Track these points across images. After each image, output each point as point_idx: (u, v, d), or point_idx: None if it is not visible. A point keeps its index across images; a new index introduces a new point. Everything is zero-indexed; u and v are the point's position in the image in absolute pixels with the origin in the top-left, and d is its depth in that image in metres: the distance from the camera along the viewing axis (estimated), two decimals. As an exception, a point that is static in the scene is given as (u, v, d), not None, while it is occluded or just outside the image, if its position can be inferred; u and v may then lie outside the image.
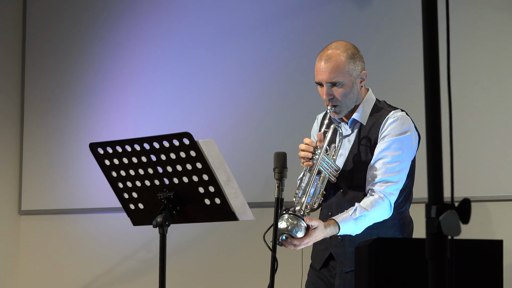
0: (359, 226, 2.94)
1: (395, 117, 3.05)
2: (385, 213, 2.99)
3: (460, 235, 1.49)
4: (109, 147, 2.88)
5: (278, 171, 2.75)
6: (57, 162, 5.33)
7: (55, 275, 5.32)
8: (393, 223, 3.05)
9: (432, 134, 1.51)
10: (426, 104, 1.52)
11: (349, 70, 3.05)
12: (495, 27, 4.03)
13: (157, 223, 2.79)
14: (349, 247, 3.03)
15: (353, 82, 3.07)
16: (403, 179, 3.03)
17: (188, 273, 4.89)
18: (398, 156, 3.00)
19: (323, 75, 3.05)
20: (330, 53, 3.07)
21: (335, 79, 3.04)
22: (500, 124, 3.98)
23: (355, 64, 3.07)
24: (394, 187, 2.99)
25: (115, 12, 5.26)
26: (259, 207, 4.37)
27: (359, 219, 2.92)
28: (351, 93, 3.07)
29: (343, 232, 2.93)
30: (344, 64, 3.04)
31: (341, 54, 3.05)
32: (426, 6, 1.52)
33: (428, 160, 1.51)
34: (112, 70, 5.23)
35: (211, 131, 4.76)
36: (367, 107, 3.12)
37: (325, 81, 3.05)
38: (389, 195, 2.97)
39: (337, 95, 3.05)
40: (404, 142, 3.02)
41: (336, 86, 3.05)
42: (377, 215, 2.97)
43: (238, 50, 4.78)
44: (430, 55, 1.51)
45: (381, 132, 3.05)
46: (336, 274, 3.07)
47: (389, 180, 2.98)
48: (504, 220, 3.99)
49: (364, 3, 4.38)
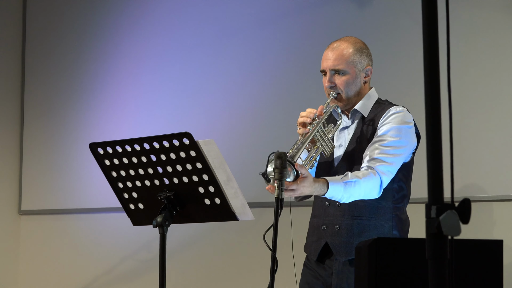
0: (348, 192, 2.89)
1: (397, 110, 3.07)
2: (374, 188, 2.95)
3: (460, 235, 1.49)
4: (109, 147, 2.88)
5: (278, 171, 2.75)
6: (57, 162, 5.33)
7: (55, 275, 5.32)
8: (391, 216, 3.04)
9: (432, 134, 1.51)
10: (426, 104, 1.52)
11: (353, 61, 3.09)
12: (495, 27, 4.03)
13: (157, 223, 2.79)
14: (345, 237, 3.03)
15: (357, 74, 3.10)
16: (397, 163, 3.00)
17: (188, 273, 4.89)
18: (395, 142, 2.99)
19: (328, 62, 3.10)
20: (338, 43, 3.13)
21: (339, 66, 3.08)
22: (500, 124, 3.98)
23: (361, 58, 3.11)
24: (387, 167, 2.96)
25: (115, 12, 5.26)
26: (259, 207, 4.37)
27: (349, 184, 2.89)
28: (353, 84, 3.09)
29: (331, 193, 2.89)
30: (350, 55, 3.09)
31: (348, 45, 3.11)
32: (426, 6, 1.52)
33: (428, 160, 1.51)
34: (112, 70, 5.23)
35: (211, 131, 4.76)
36: (368, 102, 3.14)
37: (328, 68, 3.09)
38: (381, 173, 2.95)
39: (338, 83, 3.09)
40: (402, 131, 3.02)
41: (339, 74, 3.08)
42: (367, 187, 2.92)
43: (238, 50, 4.78)
44: (430, 55, 1.51)
45: (382, 121, 3.06)
46: (332, 273, 3.06)
47: (383, 159, 2.96)
48: (504, 220, 3.99)
49: (364, 3, 4.38)
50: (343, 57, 3.08)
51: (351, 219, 3.04)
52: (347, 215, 3.04)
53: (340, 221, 3.05)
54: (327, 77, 3.10)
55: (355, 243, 2.98)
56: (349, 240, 3.01)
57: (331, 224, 3.06)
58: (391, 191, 3.05)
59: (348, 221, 3.04)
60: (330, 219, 3.07)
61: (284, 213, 2.85)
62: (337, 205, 3.05)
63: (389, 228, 3.03)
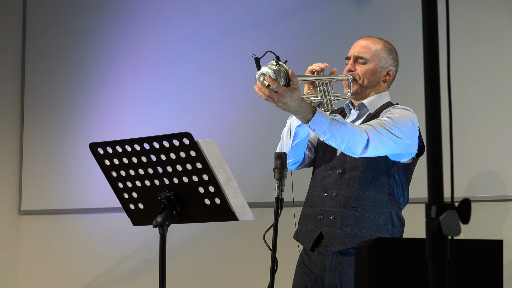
0: (332, 129, 2.81)
1: (405, 108, 3.08)
2: (359, 144, 2.86)
3: (460, 235, 1.49)
4: (109, 147, 2.88)
5: (278, 171, 2.75)
6: (57, 162, 5.33)
7: (55, 275, 5.32)
8: (386, 210, 3.03)
9: (432, 134, 1.51)
10: (426, 104, 1.52)
11: (379, 55, 3.14)
12: (495, 27, 4.04)
13: (157, 223, 2.79)
14: (340, 227, 3.02)
15: (379, 68, 3.13)
16: (391, 142, 2.93)
17: (188, 273, 4.89)
18: (394, 125, 2.95)
19: (355, 48, 3.15)
20: (371, 36, 3.20)
21: (364, 54, 3.12)
22: (500, 124, 3.98)
23: (388, 56, 3.16)
24: (379, 136, 2.89)
25: (115, 12, 5.26)
26: (259, 207, 4.37)
27: (335, 123, 2.82)
28: (372, 75, 3.12)
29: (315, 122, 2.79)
30: (377, 48, 3.14)
31: (379, 41, 3.18)
32: (426, 6, 1.52)
33: (428, 160, 1.51)
34: (112, 70, 5.23)
35: (211, 131, 4.76)
36: (379, 100, 3.15)
37: (353, 53, 3.14)
38: (371, 137, 2.87)
39: (359, 70, 3.12)
40: (405, 121, 2.98)
41: (362, 63, 3.11)
42: (352, 137, 2.83)
43: (238, 50, 4.78)
44: (430, 55, 1.51)
45: (386, 110, 3.06)
46: (325, 269, 3.05)
47: (377, 128, 2.91)
48: (504, 220, 3.99)
49: (364, 3, 4.38)
50: (370, 48, 3.14)
51: (346, 209, 3.03)
52: (342, 206, 3.04)
53: (335, 211, 3.05)
54: (350, 62, 3.14)
55: (349, 233, 2.99)
56: (343, 230, 3.01)
57: (327, 214, 3.05)
58: (387, 186, 3.04)
59: (343, 211, 3.03)
60: (326, 209, 3.07)
61: (284, 213, 2.85)
62: (333, 195, 3.05)
63: (384, 222, 3.02)
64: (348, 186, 3.04)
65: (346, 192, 3.05)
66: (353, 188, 3.04)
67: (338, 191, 3.05)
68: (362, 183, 3.04)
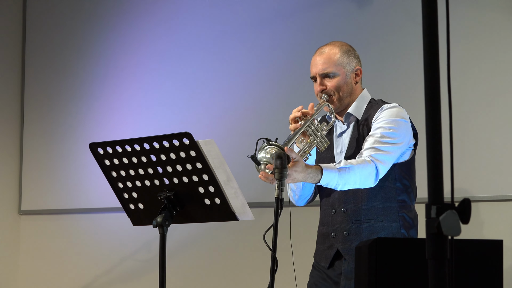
0: (343, 178, 2.86)
1: (390, 106, 3.07)
2: (370, 176, 2.91)
3: (460, 235, 1.49)
4: (109, 147, 2.88)
5: (278, 171, 2.74)
6: (57, 162, 5.33)
7: (55, 275, 5.32)
8: (397, 215, 3.03)
9: (432, 134, 1.51)
10: (426, 104, 1.52)
11: (342, 63, 3.10)
12: (495, 27, 4.03)
13: (157, 223, 2.79)
14: (355, 242, 3.01)
15: (346, 75, 3.10)
16: (394, 153, 2.97)
17: (188, 273, 4.89)
18: (390, 133, 2.97)
19: (317, 67, 3.11)
20: (324, 48, 3.14)
21: (328, 69, 3.08)
22: (500, 124, 3.98)
23: (349, 59, 3.11)
24: (382, 156, 2.93)
25: (115, 13, 5.26)
26: (259, 207, 4.37)
27: (343, 171, 2.85)
28: (344, 85, 3.10)
29: (325, 180, 2.85)
30: (337, 57, 3.10)
31: (334, 48, 3.12)
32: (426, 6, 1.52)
33: (428, 160, 1.51)
34: (112, 70, 5.23)
35: (211, 131, 4.76)
36: (361, 103, 3.14)
37: (318, 73, 3.10)
38: (377, 161, 2.91)
39: (330, 85, 3.09)
40: (397, 123, 3.00)
41: (329, 77, 3.09)
42: (362, 174, 2.89)
43: (238, 50, 4.78)
44: (430, 55, 1.51)
45: (376, 117, 3.06)
46: (341, 274, 3.06)
47: (378, 148, 2.94)
48: (504, 220, 3.99)
49: (364, 3, 4.38)
50: (331, 60, 3.09)
51: (358, 223, 3.04)
52: (354, 220, 3.04)
53: (348, 227, 3.05)
54: (318, 81, 3.10)
55: None
56: None
57: (340, 231, 3.05)
58: (394, 190, 3.04)
59: (356, 226, 3.04)
60: (338, 226, 3.07)
61: (284, 213, 2.85)
62: (342, 211, 3.06)
63: (397, 227, 3.03)
64: (355, 199, 3.04)
65: (354, 206, 3.05)
66: (360, 201, 3.04)
67: (346, 206, 3.05)
68: (369, 194, 3.04)
